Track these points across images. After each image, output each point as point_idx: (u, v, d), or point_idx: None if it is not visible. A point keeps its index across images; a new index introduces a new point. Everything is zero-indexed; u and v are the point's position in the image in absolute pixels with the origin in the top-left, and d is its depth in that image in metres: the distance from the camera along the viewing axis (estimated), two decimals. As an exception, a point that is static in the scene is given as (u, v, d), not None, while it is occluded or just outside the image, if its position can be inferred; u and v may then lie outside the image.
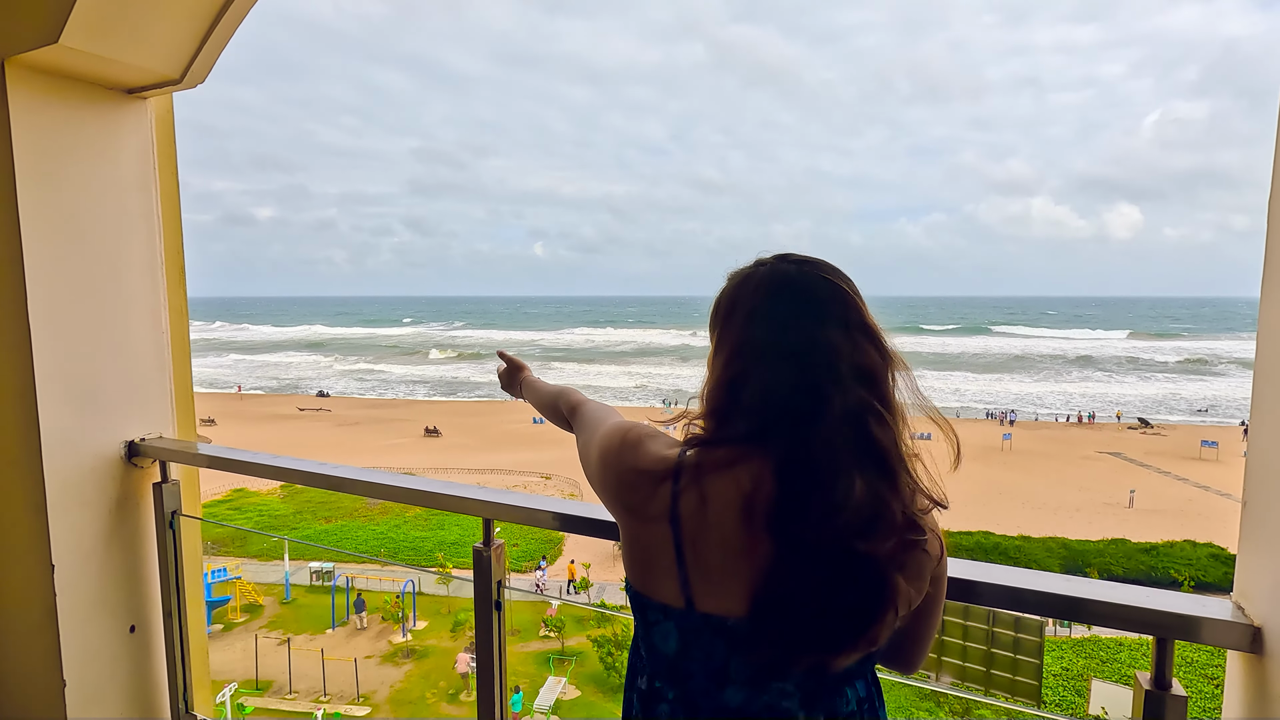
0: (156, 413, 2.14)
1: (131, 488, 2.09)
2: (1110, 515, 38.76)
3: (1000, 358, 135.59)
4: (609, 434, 1.33)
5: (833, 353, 1.13)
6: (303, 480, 1.88)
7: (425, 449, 56.30)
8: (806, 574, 1.03)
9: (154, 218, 2.08)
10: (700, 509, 1.08)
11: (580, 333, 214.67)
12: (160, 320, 2.11)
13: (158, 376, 2.13)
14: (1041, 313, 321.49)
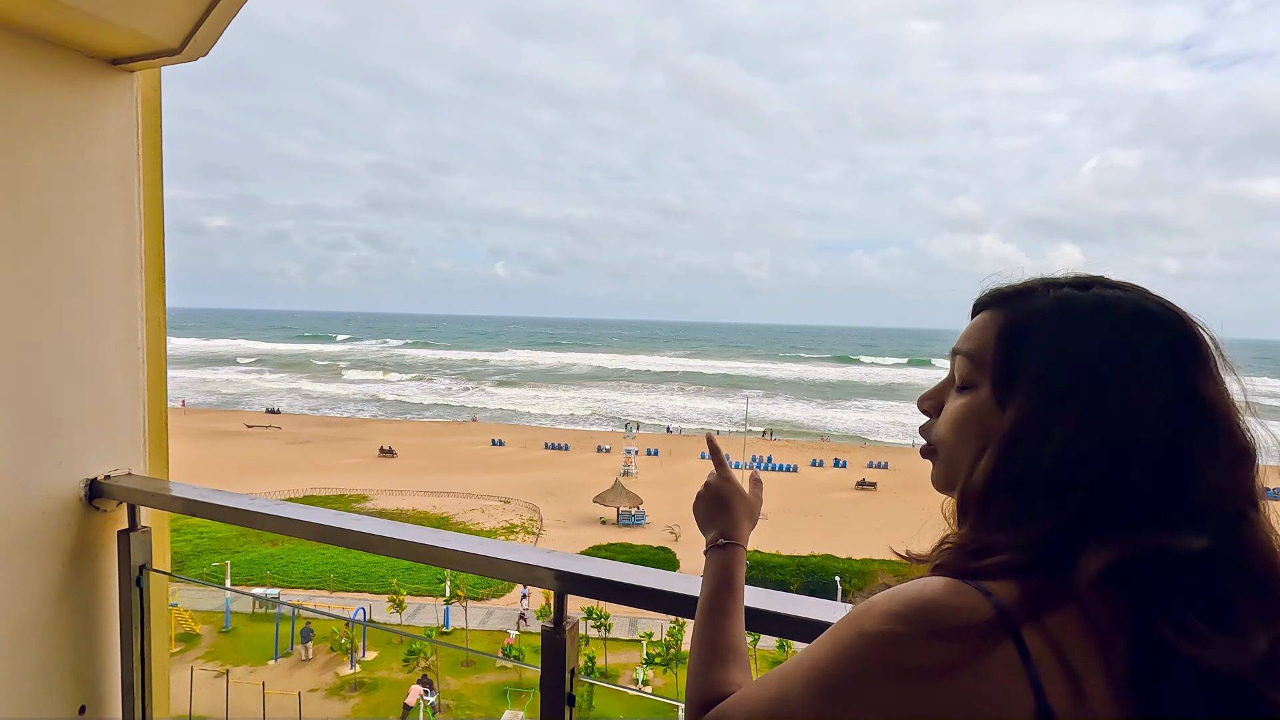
0: (125, 445, 1.77)
1: (91, 535, 1.67)
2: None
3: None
4: (872, 607, 0.74)
5: (1213, 416, 0.75)
6: (316, 535, 1.50)
7: (380, 470, 54.58)
8: None
9: (134, 213, 1.71)
10: (1077, 698, 0.64)
11: (536, 354, 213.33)
12: (135, 334, 1.74)
13: (129, 401, 1.76)
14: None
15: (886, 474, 57.74)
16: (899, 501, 49.37)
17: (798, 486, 53.17)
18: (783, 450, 69.68)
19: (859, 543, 38.04)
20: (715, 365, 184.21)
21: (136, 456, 1.72)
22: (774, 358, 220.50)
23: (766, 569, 30.50)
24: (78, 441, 1.65)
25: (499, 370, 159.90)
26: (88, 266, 1.58)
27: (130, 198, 1.64)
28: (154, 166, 1.71)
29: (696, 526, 1.29)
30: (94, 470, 1.70)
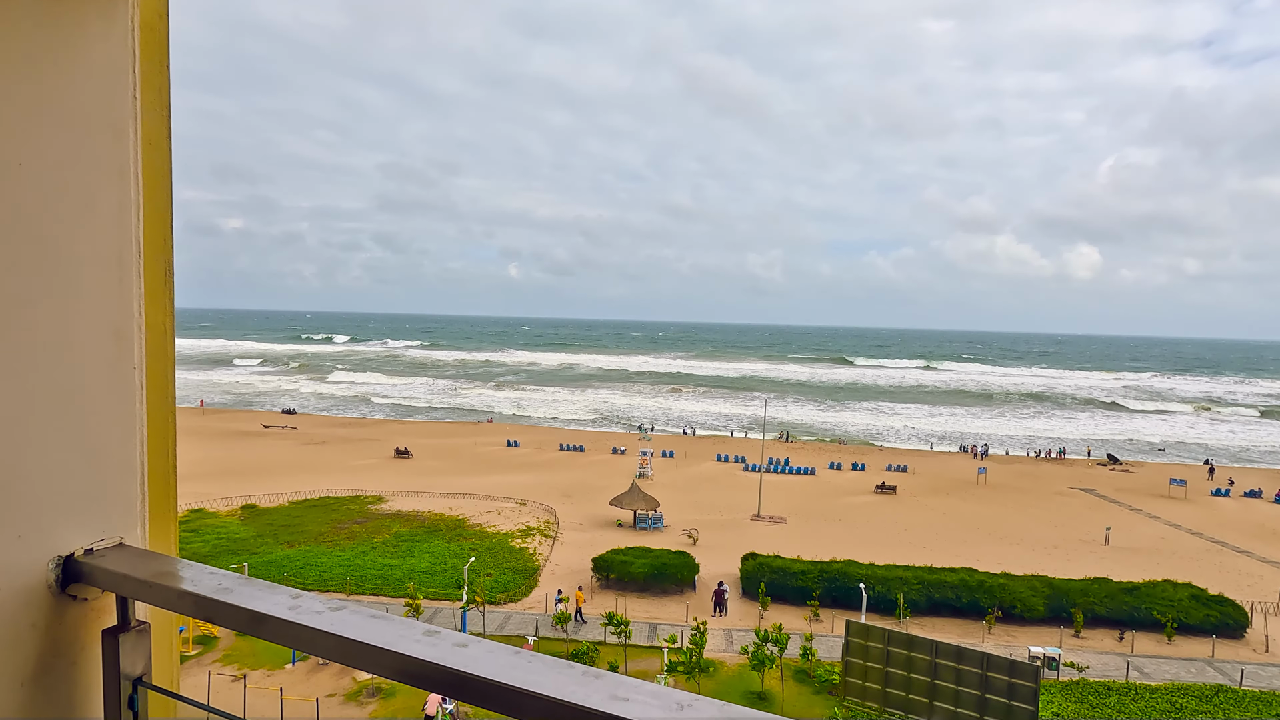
0: (114, 505, 1.20)
1: (65, 636, 1.13)
2: (1088, 552, 38.76)
3: (967, 392, 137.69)
4: None
5: None
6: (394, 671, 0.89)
7: (396, 470, 54.47)
8: None
9: (129, 182, 1.19)
10: None
11: (549, 355, 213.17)
12: (130, 348, 1.20)
13: (121, 443, 1.20)
14: (1005, 348, 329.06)
15: (906, 477, 56.82)
16: (920, 505, 48.52)
17: (816, 490, 52.43)
18: (800, 453, 68.89)
19: (882, 548, 37.33)
20: (727, 367, 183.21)
21: (131, 521, 1.20)
22: (786, 359, 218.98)
23: (788, 575, 29.90)
24: (44, 503, 1.10)
25: (512, 371, 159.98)
26: (62, 256, 1.00)
27: (123, 161, 1.17)
28: (157, 119, 1.24)
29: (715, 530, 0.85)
30: (69, 543, 1.12)
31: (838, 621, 28.22)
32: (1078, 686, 23.27)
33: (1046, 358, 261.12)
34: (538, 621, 27.39)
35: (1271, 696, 22.86)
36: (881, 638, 21.31)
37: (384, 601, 28.77)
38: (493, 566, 32.68)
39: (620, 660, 23.82)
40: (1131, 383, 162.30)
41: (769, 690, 22.62)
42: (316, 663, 23.66)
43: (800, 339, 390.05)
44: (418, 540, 36.29)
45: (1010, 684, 19.36)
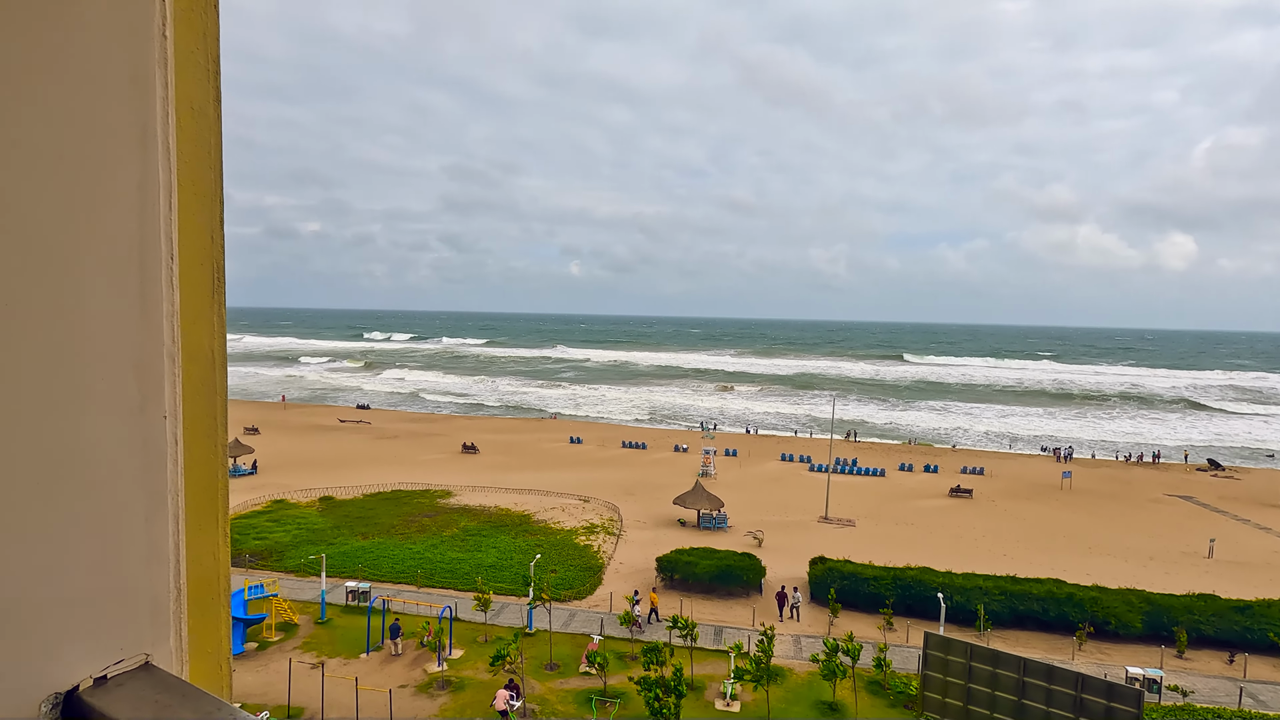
0: (140, 612, 0.86)
1: None
2: (1189, 565, 35.91)
3: (1044, 391, 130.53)
4: None
5: None
6: None
7: (463, 465, 55.65)
8: None
9: (154, 149, 0.84)
10: None
11: (610, 352, 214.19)
12: (161, 387, 0.85)
13: (148, 522, 0.85)
14: (1087, 345, 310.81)
15: (982, 480, 54.20)
16: (999, 511, 46.13)
17: (886, 492, 50.58)
18: (867, 453, 66.76)
19: (958, 555, 35.60)
20: (788, 364, 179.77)
21: (161, 631, 0.83)
22: (850, 356, 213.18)
23: (860, 581, 28.83)
24: (39, 617, 0.77)
25: (573, 368, 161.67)
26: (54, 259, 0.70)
27: (145, 122, 0.82)
28: (198, 72, 0.89)
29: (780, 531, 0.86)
30: (73, 672, 0.79)
31: (913, 631, 27.02)
32: (1182, 712, 21.47)
33: (1132, 354, 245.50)
34: (603, 620, 27.30)
35: None
36: (964, 652, 20.16)
37: (452, 595, 29.28)
38: (558, 563, 32.83)
39: (686, 663, 23.43)
40: (1229, 381, 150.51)
41: (840, 701, 21.79)
42: (389, 653, 24.23)
43: (865, 335, 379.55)
44: (485, 535, 36.86)
45: (1108, 708, 17.96)
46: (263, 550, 34.03)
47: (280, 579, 30.58)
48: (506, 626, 26.63)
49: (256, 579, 29.61)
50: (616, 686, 22.35)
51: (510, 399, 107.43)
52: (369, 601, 27.01)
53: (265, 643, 24.97)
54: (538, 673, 23.27)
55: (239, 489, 45.91)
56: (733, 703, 21.68)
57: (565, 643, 25.43)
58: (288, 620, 26.40)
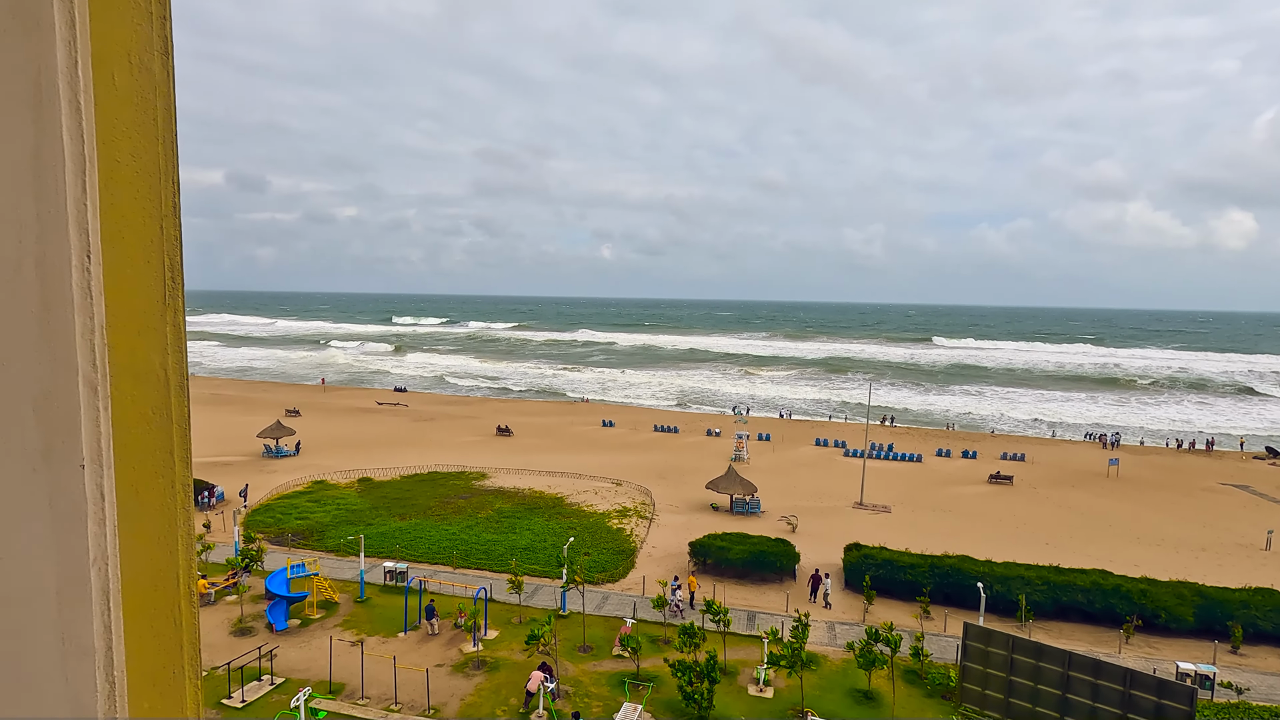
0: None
1: None
2: (1244, 558, 34.54)
3: (1086, 375, 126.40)
4: None
5: None
6: None
7: (498, 448, 56.29)
8: None
9: (58, 98, 0.59)
10: None
11: (641, 336, 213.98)
12: (75, 426, 0.63)
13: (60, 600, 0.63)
14: (1136, 328, 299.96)
15: (1023, 467, 52.85)
16: (1040, 498, 44.94)
17: (924, 478, 49.66)
18: (904, 438, 65.62)
19: (999, 543, 34.80)
20: (822, 348, 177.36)
21: None
22: (885, 339, 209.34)
23: (896, 568, 28.38)
24: None
25: (604, 351, 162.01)
26: None
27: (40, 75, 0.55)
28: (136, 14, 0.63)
29: (814, 517, 0.82)
30: None
31: (951, 620, 26.53)
32: (1237, 710, 20.69)
33: (1183, 337, 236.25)
34: (635, 604, 27.39)
35: None
36: (1005, 644, 19.70)
37: (487, 576, 29.68)
38: (591, 546, 33.02)
39: (719, 648, 23.40)
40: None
41: (876, 690, 21.53)
42: (426, 632, 24.67)
43: (900, 318, 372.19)
44: (519, 517, 37.25)
45: (1159, 704, 17.38)
46: (304, 530, 34.92)
47: (321, 558, 31.36)
48: (540, 608, 26.90)
49: (299, 558, 30.43)
50: (649, 670, 22.43)
51: (541, 382, 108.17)
52: (406, 582, 27.53)
53: (307, 620, 25.65)
54: (571, 654, 23.47)
55: (281, 470, 47.14)
56: (765, 689, 21.58)
57: (598, 625, 25.59)
58: (328, 599, 27.07)
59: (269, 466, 48.51)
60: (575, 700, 20.75)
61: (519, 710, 20.20)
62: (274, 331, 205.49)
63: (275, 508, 38.13)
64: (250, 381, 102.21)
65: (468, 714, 20.08)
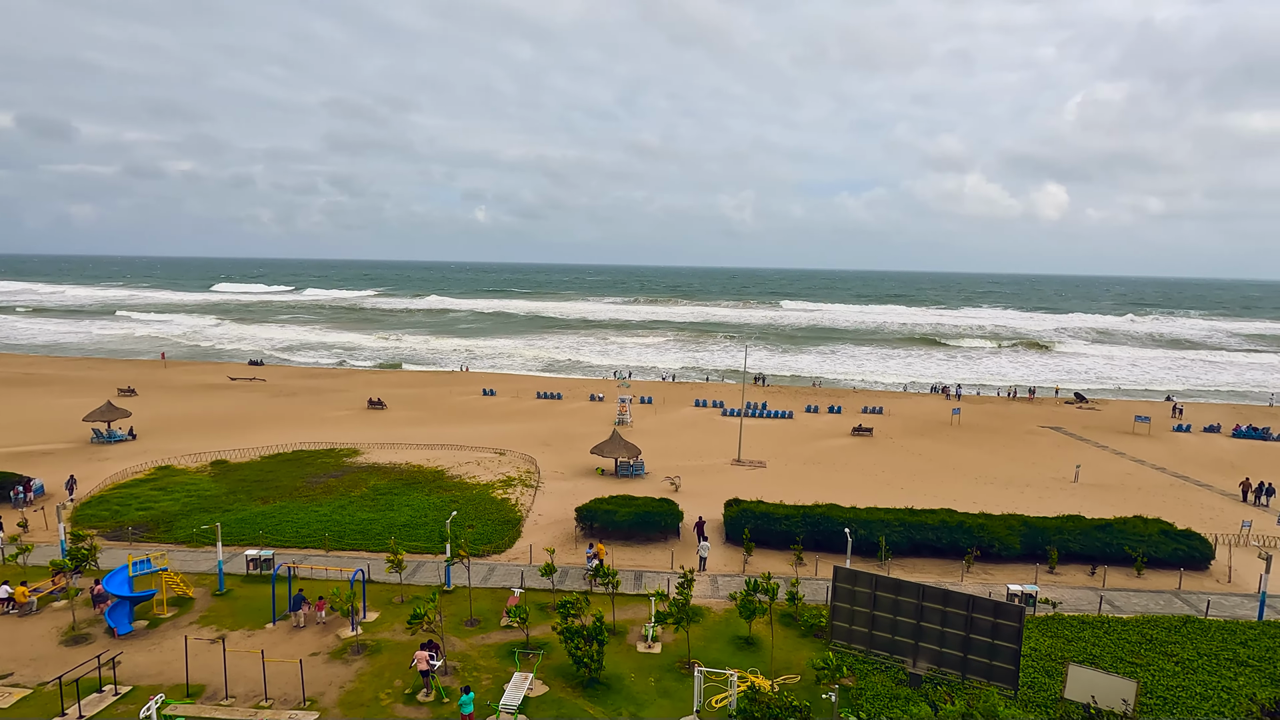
0: None
1: None
2: (1059, 490, 39.72)
3: (929, 334, 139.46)
4: None
5: None
6: None
7: (370, 422, 53.28)
8: None
9: None
10: None
11: (519, 302, 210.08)
12: None
13: None
14: (973, 290, 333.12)
15: (881, 419, 57.47)
16: (897, 447, 49.13)
17: (795, 433, 52.75)
18: (776, 396, 69.19)
19: (862, 490, 37.74)
20: (698, 311, 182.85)
21: None
22: (755, 302, 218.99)
23: (772, 520, 30.00)
24: None
25: (483, 318, 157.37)
26: None
27: None
28: None
29: (696, 476, 0.87)
30: None
31: (822, 564, 28.53)
32: (1054, 622, 23.88)
33: (1009, 299, 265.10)
34: (523, 573, 27.16)
35: (1235, 626, 23.74)
36: (869, 583, 21.44)
37: (365, 557, 28.25)
38: (475, 518, 32.27)
39: (608, 609, 23.75)
40: (1088, 323, 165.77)
41: (756, 635, 22.80)
42: (296, 621, 23.14)
43: (770, 282, 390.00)
44: (396, 493, 35.65)
45: (994, 624, 19.67)
46: (148, 521, 31.50)
47: (171, 551, 28.46)
48: (424, 585, 26.02)
49: (143, 552, 27.41)
50: (539, 638, 22.40)
51: (415, 352, 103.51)
52: (273, 569, 25.61)
53: (157, 620, 23.25)
54: (458, 629, 22.95)
55: (116, 457, 42.07)
56: (654, 644, 22.23)
57: (485, 598, 25.17)
58: (182, 594, 24.66)
59: (100, 454, 43.16)
60: (464, 675, 20.36)
61: (405, 691, 19.53)
62: (68, 301, 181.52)
63: (111, 499, 34.04)
64: (72, 359, 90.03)
65: (349, 701, 19.14)
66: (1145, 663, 21.32)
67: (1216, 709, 18.86)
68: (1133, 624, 23.78)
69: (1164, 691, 19.77)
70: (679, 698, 19.40)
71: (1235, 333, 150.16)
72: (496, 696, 19.05)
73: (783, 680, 20.36)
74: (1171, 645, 22.39)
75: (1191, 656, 21.68)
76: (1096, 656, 21.64)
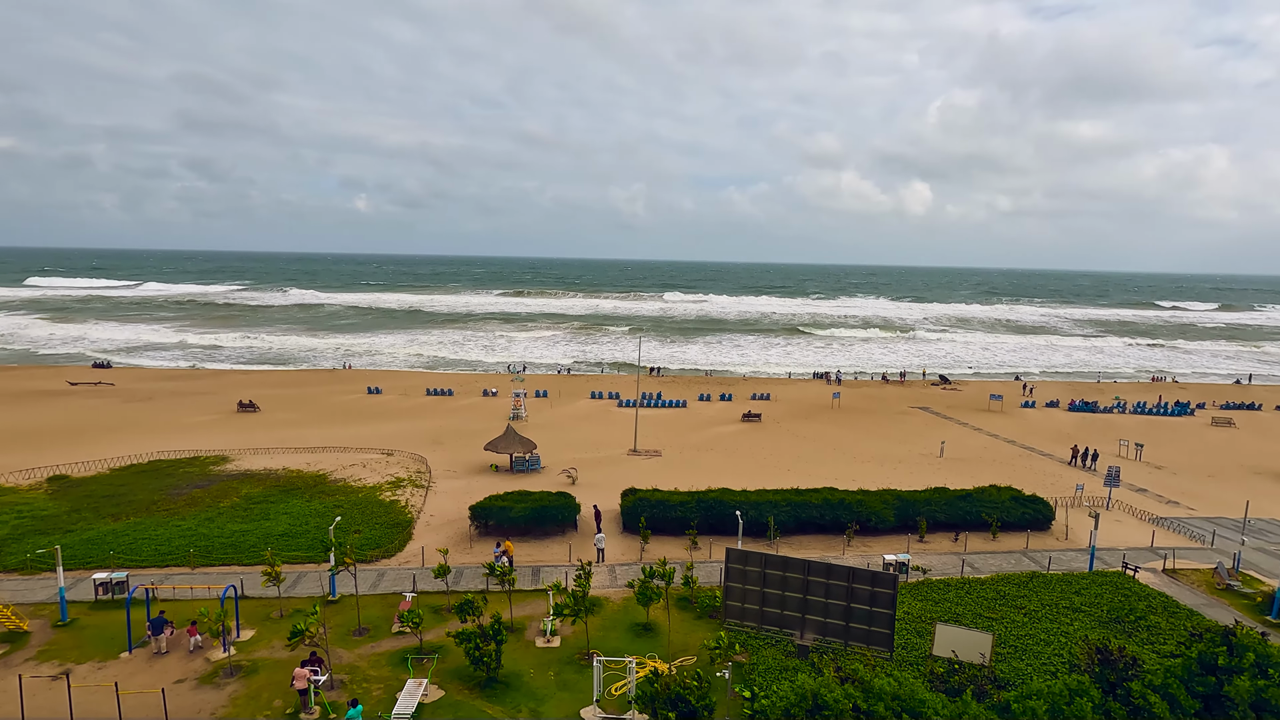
0: None
1: None
2: (927, 465, 43.15)
3: (812, 322, 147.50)
4: None
5: None
6: None
7: (242, 426, 49.24)
8: None
9: None
10: None
11: (404, 296, 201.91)
12: None
13: None
14: (849, 281, 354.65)
15: (770, 405, 60.01)
16: (783, 431, 51.51)
17: (689, 421, 54.04)
18: (671, 386, 70.54)
19: (753, 473, 39.25)
20: (590, 304, 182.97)
21: None
22: (648, 294, 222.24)
23: (668, 507, 30.60)
24: None
25: (361, 313, 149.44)
26: None
27: None
28: None
29: (593, 468, 0.88)
30: None
31: (715, 547, 29.45)
32: (924, 586, 25.96)
33: (881, 289, 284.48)
34: (415, 576, 26.17)
35: (1071, 577, 26.80)
36: (759, 562, 22.34)
37: (238, 571, 26.18)
38: (362, 523, 30.71)
39: (505, 607, 23.37)
40: (948, 311, 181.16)
41: (654, 621, 23.22)
42: (157, 648, 21.10)
43: (662, 274, 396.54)
44: (273, 501, 33.27)
45: (872, 592, 21.08)
46: (-31, 549, 27.59)
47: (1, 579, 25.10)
48: (306, 597, 24.49)
49: (-37, 585, 23.98)
50: (434, 641, 21.69)
51: (286, 351, 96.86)
52: (128, 592, 23.18)
53: (-17, 659, 20.44)
54: (345, 641, 21.79)
55: (-75, 476, 36.50)
56: (553, 639, 22.13)
57: (375, 605, 24.05)
58: (14, 628, 21.82)
59: (-96, 474, 37.29)
60: (352, 688, 19.37)
61: (286, 712, 18.31)
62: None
63: (-81, 526, 29.53)
64: None
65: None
66: (999, 616, 23.62)
67: (1056, 652, 21.22)
68: (989, 583, 26.26)
69: (1015, 641, 22.00)
70: (579, 689, 19.43)
71: (1068, 318, 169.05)
72: (388, 707, 18.29)
73: (680, 662, 20.88)
74: (1021, 599, 24.94)
75: (1037, 607, 24.24)
76: (960, 615, 23.72)
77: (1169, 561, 28.68)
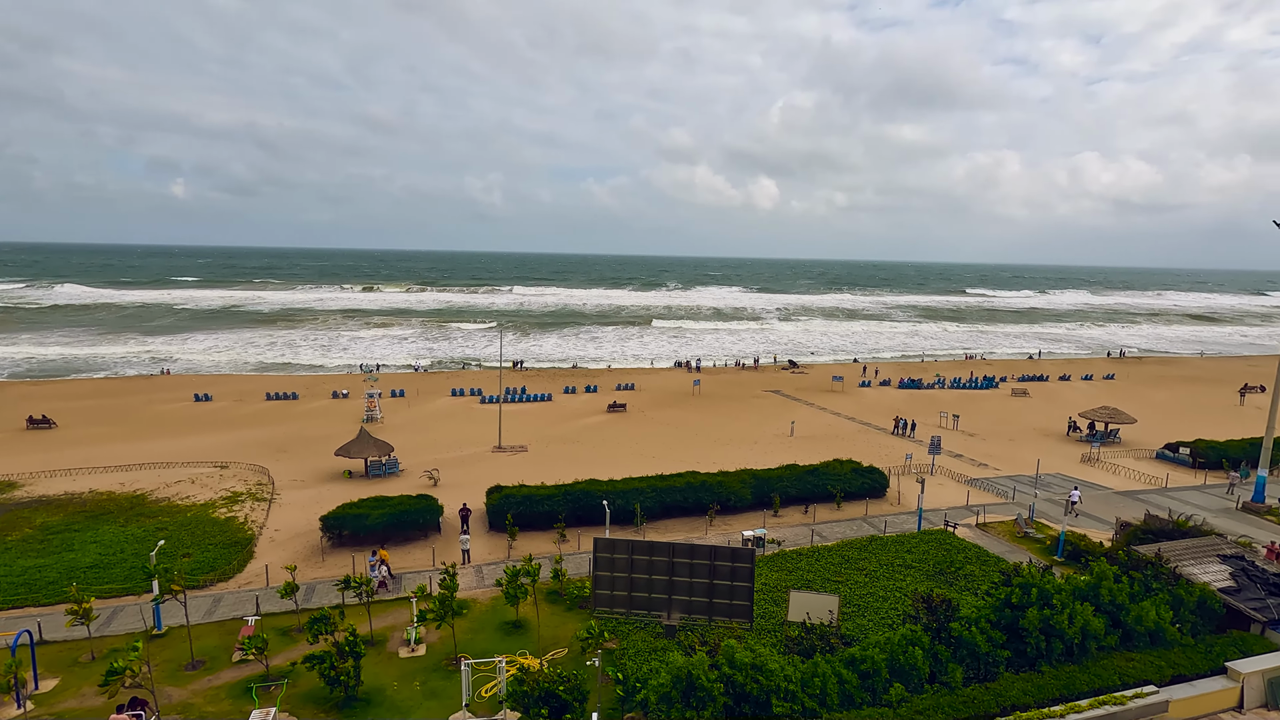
0: None
1: None
2: (779, 444, 46.05)
3: (667, 312, 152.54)
4: None
5: None
6: None
7: (32, 446, 42.32)
8: None
9: None
10: None
11: (233, 292, 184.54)
12: None
13: None
14: (704, 273, 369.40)
15: (634, 395, 61.15)
16: (648, 419, 52.72)
17: (554, 415, 53.76)
18: (535, 380, 69.76)
19: (619, 463, 39.83)
20: (443, 298, 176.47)
21: None
22: (505, 286, 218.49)
23: (534, 502, 30.32)
24: None
25: (186, 313, 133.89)
26: None
27: None
28: None
29: (456, 467, 0.88)
30: None
31: (584, 538, 29.61)
32: (779, 558, 27.73)
33: (734, 280, 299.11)
34: (258, 598, 23.97)
35: (904, 538, 29.81)
36: (626, 549, 22.77)
37: (34, 614, 22.61)
38: (191, 545, 27.64)
39: (364, 620, 22.08)
40: (794, 301, 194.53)
41: (524, 617, 22.97)
42: None
43: (521, 266, 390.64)
44: (77, 530, 29.07)
45: (733, 567, 22.22)
46: None
47: None
48: (125, 634, 21.66)
49: None
50: (282, 666, 20.03)
51: (76, 358, 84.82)
52: (-118, 653, 19.27)
53: None
54: (175, 677, 19.56)
55: None
56: (418, 647, 21.23)
57: (211, 634, 21.78)
58: None
59: None
60: (186, 728, 17.44)
61: (103, 765, 16.15)
62: None
63: None
64: None
65: (19, 796, 15.29)
66: (844, 579, 25.77)
67: (893, 606, 23.53)
68: (835, 549, 28.56)
69: (858, 600, 24.11)
70: (447, 696, 18.81)
71: (895, 305, 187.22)
72: (231, 743, 16.68)
73: (551, 656, 20.83)
74: (862, 561, 27.35)
75: (875, 568, 26.71)
76: (810, 581, 25.59)
77: (981, 517, 32.72)
